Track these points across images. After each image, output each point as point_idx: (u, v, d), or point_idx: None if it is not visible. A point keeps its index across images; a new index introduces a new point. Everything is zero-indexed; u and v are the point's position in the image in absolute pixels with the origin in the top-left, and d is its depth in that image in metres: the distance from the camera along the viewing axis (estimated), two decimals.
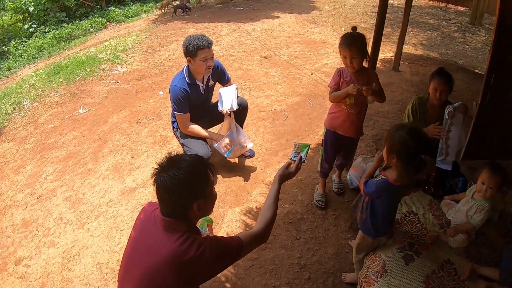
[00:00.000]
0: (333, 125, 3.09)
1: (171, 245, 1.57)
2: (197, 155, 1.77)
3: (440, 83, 2.85)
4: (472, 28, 9.58)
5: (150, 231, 1.67)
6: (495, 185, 2.28)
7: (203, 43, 3.29)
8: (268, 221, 1.88)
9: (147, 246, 1.63)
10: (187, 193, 1.59)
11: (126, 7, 13.02)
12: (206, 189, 1.66)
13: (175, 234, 1.59)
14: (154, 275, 1.56)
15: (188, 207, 1.61)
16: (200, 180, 1.64)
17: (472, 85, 5.59)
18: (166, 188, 1.58)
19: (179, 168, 1.58)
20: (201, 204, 1.63)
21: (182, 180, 1.57)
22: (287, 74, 6.26)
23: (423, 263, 2.27)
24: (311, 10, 10.89)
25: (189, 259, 1.55)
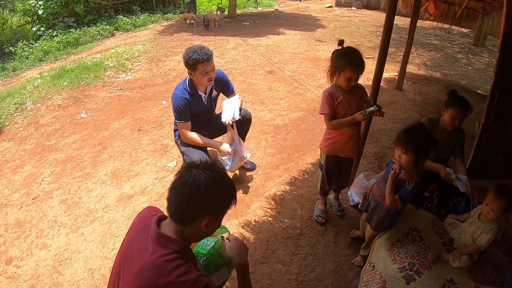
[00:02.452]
0: (333, 150, 2.97)
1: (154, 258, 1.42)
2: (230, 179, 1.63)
3: (461, 112, 2.77)
4: (476, 50, 9.69)
5: (141, 237, 1.53)
6: (498, 208, 2.20)
7: (202, 57, 3.22)
8: None
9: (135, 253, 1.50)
10: (210, 200, 1.48)
11: (134, 17, 13.19)
12: (222, 210, 1.56)
13: (163, 250, 1.44)
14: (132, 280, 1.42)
15: (199, 217, 1.48)
16: (225, 197, 1.55)
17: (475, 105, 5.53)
18: (193, 186, 1.45)
19: (217, 172, 1.51)
20: (211, 221, 1.51)
21: (217, 183, 1.49)
22: (291, 90, 6.27)
23: (424, 282, 2.21)
24: (317, 28, 11.01)
25: (167, 282, 1.38)
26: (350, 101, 2.73)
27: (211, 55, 3.30)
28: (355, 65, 2.58)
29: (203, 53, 3.23)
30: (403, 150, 2.23)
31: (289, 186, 3.81)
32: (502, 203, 2.17)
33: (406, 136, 2.23)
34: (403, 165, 2.25)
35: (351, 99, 2.73)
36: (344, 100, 2.73)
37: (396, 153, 2.30)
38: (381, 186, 2.49)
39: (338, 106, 2.75)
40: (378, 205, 2.49)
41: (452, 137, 2.92)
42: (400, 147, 2.25)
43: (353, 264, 2.91)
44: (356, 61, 2.59)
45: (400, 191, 2.28)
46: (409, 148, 2.20)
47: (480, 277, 2.25)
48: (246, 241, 3.10)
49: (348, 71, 2.59)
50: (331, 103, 2.75)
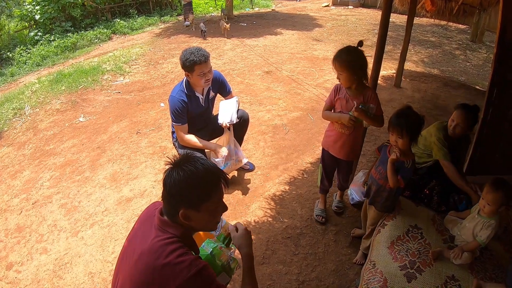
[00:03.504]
0: (326, 144, 3.04)
1: (152, 240, 1.50)
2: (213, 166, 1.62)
3: (459, 116, 2.75)
4: (473, 46, 9.71)
5: (145, 228, 1.61)
6: (494, 201, 2.17)
7: (199, 58, 3.22)
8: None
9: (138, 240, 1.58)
10: (177, 196, 1.51)
11: (131, 20, 13.19)
12: (201, 202, 1.54)
13: (163, 234, 1.52)
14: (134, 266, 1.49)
15: (175, 209, 1.52)
16: (196, 189, 1.52)
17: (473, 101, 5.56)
18: (166, 184, 1.52)
19: (183, 169, 1.51)
20: (190, 214, 1.52)
21: (178, 181, 1.49)
22: (289, 89, 6.27)
23: (426, 280, 2.20)
24: (314, 28, 11.02)
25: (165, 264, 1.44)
26: (349, 101, 2.72)
27: (208, 57, 3.30)
28: (334, 58, 2.68)
29: (200, 54, 3.22)
30: (398, 135, 2.33)
31: (289, 186, 3.80)
32: (497, 195, 2.16)
33: (399, 120, 2.32)
34: (402, 149, 2.36)
35: (352, 100, 2.72)
36: (344, 98, 2.75)
37: (391, 138, 2.40)
38: (380, 170, 2.56)
39: (337, 101, 2.80)
40: (380, 188, 2.57)
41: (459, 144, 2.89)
42: (395, 132, 2.35)
43: (354, 263, 2.91)
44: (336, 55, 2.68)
45: (400, 171, 2.39)
46: (404, 132, 2.30)
47: (482, 274, 2.23)
48: None
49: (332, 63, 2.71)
50: (332, 96, 2.84)
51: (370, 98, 2.73)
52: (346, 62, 2.62)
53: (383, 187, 2.56)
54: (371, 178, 2.68)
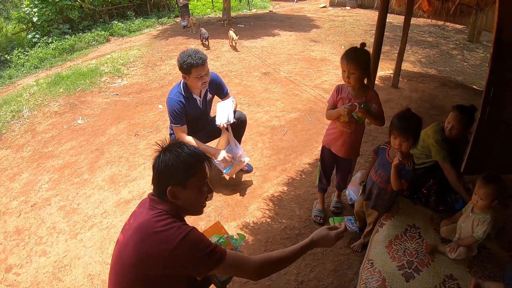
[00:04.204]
0: (327, 142, 3.06)
1: (144, 217, 1.60)
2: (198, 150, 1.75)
3: (454, 118, 2.76)
4: (470, 46, 9.73)
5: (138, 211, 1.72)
6: (486, 196, 2.17)
7: (197, 61, 3.22)
8: (271, 261, 1.74)
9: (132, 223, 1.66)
10: (165, 174, 1.64)
11: (129, 22, 13.17)
12: (186, 178, 1.65)
13: (154, 210, 1.63)
14: (124, 248, 1.59)
15: (163, 187, 1.64)
16: (182, 166, 1.64)
17: (471, 101, 5.59)
18: (154, 166, 1.68)
19: (171, 151, 1.65)
20: (177, 191, 1.64)
21: (167, 161, 1.63)
22: (287, 91, 6.28)
23: (424, 279, 2.20)
24: (311, 29, 11.03)
25: (155, 232, 1.54)
26: (352, 101, 2.72)
27: (206, 59, 3.31)
28: (344, 57, 2.66)
29: (197, 57, 3.23)
30: (403, 139, 2.35)
31: (287, 187, 3.81)
32: (488, 190, 2.16)
33: (404, 125, 2.34)
34: (404, 152, 2.40)
35: (354, 100, 2.73)
36: (346, 98, 2.78)
37: (394, 142, 2.41)
38: (380, 173, 2.59)
39: (340, 101, 2.82)
40: (381, 191, 2.62)
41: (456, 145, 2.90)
42: (400, 136, 2.36)
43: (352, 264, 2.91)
44: (347, 55, 2.65)
45: (402, 174, 2.42)
46: (410, 136, 2.34)
47: (480, 272, 2.24)
48: (245, 243, 3.11)
49: (341, 63, 2.69)
50: (334, 96, 2.86)
51: (372, 98, 2.78)
52: (360, 62, 2.65)
53: (384, 190, 2.61)
54: (371, 182, 2.70)
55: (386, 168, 2.54)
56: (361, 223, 3.05)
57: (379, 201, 2.67)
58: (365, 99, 2.74)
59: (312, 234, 1.87)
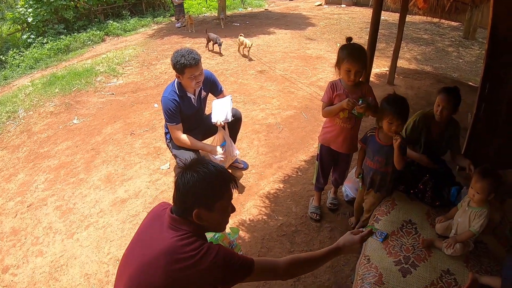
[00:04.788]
0: (326, 140, 3.03)
1: (169, 240, 1.54)
2: (224, 168, 1.70)
3: (443, 99, 2.75)
4: (466, 42, 9.75)
5: (154, 227, 1.66)
6: (482, 190, 2.18)
7: (190, 62, 3.20)
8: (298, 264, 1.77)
9: (148, 239, 1.62)
10: (191, 196, 1.57)
11: (124, 21, 13.14)
12: (214, 202, 1.60)
13: (178, 232, 1.57)
14: (147, 268, 1.52)
15: (189, 210, 1.57)
16: (210, 189, 1.59)
17: (466, 97, 5.58)
18: (178, 186, 1.59)
19: (196, 171, 1.58)
20: (202, 214, 1.58)
21: (192, 182, 1.56)
22: (282, 88, 6.29)
23: (421, 275, 2.21)
24: (307, 27, 11.04)
25: (185, 257, 1.49)
26: (349, 96, 2.71)
27: (199, 60, 3.29)
28: (352, 57, 2.63)
29: (190, 57, 3.21)
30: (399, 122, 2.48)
31: (283, 184, 3.82)
32: (485, 184, 2.17)
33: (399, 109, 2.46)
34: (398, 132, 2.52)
35: (351, 95, 2.73)
36: (343, 94, 2.76)
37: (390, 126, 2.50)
38: (377, 159, 2.69)
39: (336, 98, 2.80)
40: (383, 175, 2.72)
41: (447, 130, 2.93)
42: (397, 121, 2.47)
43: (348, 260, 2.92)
44: (354, 54, 2.64)
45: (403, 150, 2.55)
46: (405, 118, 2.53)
47: (477, 267, 2.24)
48: (241, 240, 3.11)
49: (346, 62, 2.65)
50: (330, 93, 2.83)
51: (367, 91, 2.81)
52: (365, 59, 2.70)
53: (385, 173, 2.71)
54: (371, 170, 2.76)
55: (381, 152, 2.65)
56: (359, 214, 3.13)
57: (382, 183, 2.76)
58: (361, 93, 2.76)
59: (338, 240, 1.87)
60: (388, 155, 2.63)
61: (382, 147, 2.64)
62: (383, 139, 2.64)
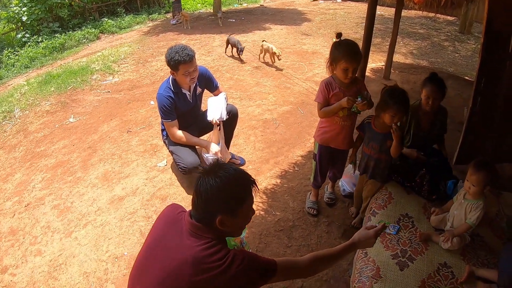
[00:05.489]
0: (325, 140, 2.99)
1: (194, 249, 1.50)
2: (243, 170, 1.67)
3: (433, 91, 2.79)
4: (462, 37, 9.76)
5: (172, 233, 1.61)
6: (477, 182, 2.20)
7: (184, 58, 3.21)
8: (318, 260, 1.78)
9: (168, 248, 1.57)
10: (215, 203, 1.52)
11: (119, 19, 13.09)
12: (237, 207, 1.56)
13: (201, 239, 1.53)
14: (172, 279, 1.49)
15: (212, 217, 1.53)
16: (233, 195, 1.55)
17: (462, 92, 5.66)
18: (199, 192, 1.53)
19: (218, 176, 1.52)
20: (226, 220, 1.53)
21: (215, 188, 1.51)
22: (278, 84, 6.29)
23: (418, 268, 2.23)
24: (302, 22, 11.02)
25: (211, 267, 1.46)
26: (346, 94, 2.70)
27: (193, 56, 3.29)
28: (350, 56, 2.59)
29: (184, 54, 3.21)
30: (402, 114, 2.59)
31: (280, 179, 3.83)
32: (480, 176, 2.19)
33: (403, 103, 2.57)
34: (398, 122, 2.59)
35: (347, 92, 2.72)
36: (340, 92, 2.74)
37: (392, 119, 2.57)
38: (372, 145, 2.78)
39: (333, 97, 2.76)
40: (377, 161, 2.80)
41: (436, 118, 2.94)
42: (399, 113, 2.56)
43: None
44: (351, 52, 2.60)
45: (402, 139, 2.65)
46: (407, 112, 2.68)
47: (474, 260, 2.26)
48: None
49: (343, 61, 2.60)
50: (325, 93, 2.78)
51: (362, 86, 2.84)
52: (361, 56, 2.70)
53: (379, 160, 2.79)
54: (366, 156, 2.85)
55: (376, 139, 2.74)
56: (359, 206, 3.15)
57: (376, 170, 2.83)
58: (357, 89, 2.76)
59: (353, 236, 1.88)
60: (382, 142, 2.70)
61: (377, 134, 2.71)
62: (378, 127, 2.72)
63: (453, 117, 3.25)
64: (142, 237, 3.22)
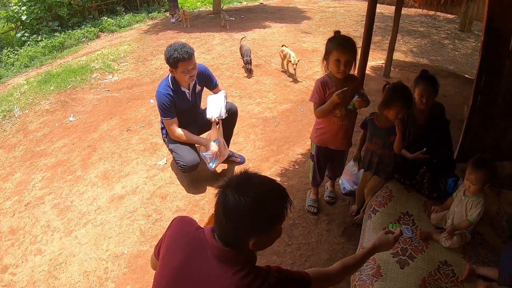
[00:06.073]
0: (323, 141, 2.97)
1: (232, 279, 1.34)
2: (275, 182, 1.49)
3: (425, 89, 2.75)
4: (462, 35, 9.74)
5: (197, 258, 1.43)
6: (477, 181, 2.20)
7: (183, 56, 3.21)
8: (347, 268, 1.73)
9: (197, 278, 1.40)
10: (247, 226, 1.35)
11: (119, 17, 13.05)
12: (272, 227, 1.40)
13: (234, 266, 1.36)
14: None
15: (243, 240, 1.37)
16: (268, 215, 1.37)
17: (463, 90, 5.66)
18: (226, 211, 1.34)
19: (248, 194, 1.32)
20: (260, 241, 1.38)
21: (247, 209, 1.31)
22: (278, 82, 6.28)
23: (418, 266, 2.22)
24: (302, 20, 11.00)
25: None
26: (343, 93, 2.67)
27: (192, 54, 3.29)
28: (342, 46, 2.56)
29: (183, 51, 3.22)
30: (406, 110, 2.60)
31: (280, 178, 3.83)
32: (480, 174, 2.19)
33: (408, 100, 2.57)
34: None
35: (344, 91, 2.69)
36: (336, 90, 2.67)
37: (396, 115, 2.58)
38: (376, 141, 2.77)
39: (329, 96, 2.72)
40: (381, 157, 2.80)
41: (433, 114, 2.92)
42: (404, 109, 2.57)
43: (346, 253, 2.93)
44: (343, 43, 2.57)
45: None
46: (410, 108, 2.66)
47: (474, 258, 2.26)
48: None
49: (335, 52, 2.56)
50: (321, 92, 2.75)
51: (359, 84, 2.85)
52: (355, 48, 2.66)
53: (383, 155, 2.78)
54: (370, 152, 2.83)
55: (379, 135, 2.74)
56: (361, 204, 3.15)
57: (380, 166, 2.82)
58: (353, 87, 2.71)
59: (373, 240, 1.85)
60: (385, 137, 2.70)
61: (380, 130, 2.71)
62: (381, 122, 2.72)
63: (454, 115, 3.24)
64: (142, 236, 3.23)
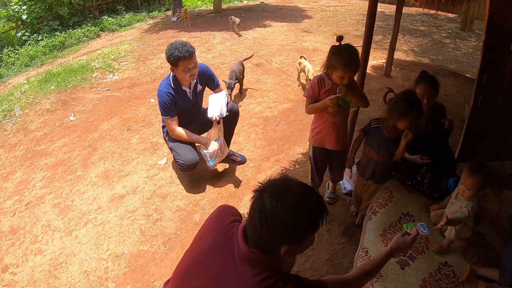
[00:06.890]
0: (319, 140, 2.96)
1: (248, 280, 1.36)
2: (313, 190, 1.48)
3: (426, 88, 2.76)
4: (463, 34, 9.72)
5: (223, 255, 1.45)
6: (472, 186, 2.17)
7: (184, 54, 3.21)
8: (365, 273, 1.72)
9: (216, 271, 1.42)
10: (282, 233, 1.34)
11: (119, 16, 13.04)
12: (306, 236, 1.40)
13: (255, 269, 1.37)
14: None
15: (275, 246, 1.37)
16: (303, 224, 1.36)
17: (464, 89, 5.65)
18: (261, 216, 1.33)
19: (285, 201, 1.32)
20: (292, 249, 1.38)
21: (283, 217, 1.31)
22: (279, 81, 6.28)
23: (419, 267, 2.22)
24: (303, 19, 10.99)
25: None
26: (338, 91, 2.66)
27: (193, 52, 3.29)
28: (347, 66, 2.53)
29: (184, 50, 3.22)
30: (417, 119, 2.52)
31: None
32: (475, 180, 2.15)
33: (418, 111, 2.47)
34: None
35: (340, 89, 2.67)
36: (332, 89, 2.69)
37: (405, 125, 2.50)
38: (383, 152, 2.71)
39: (324, 94, 2.72)
40: (385, 166, 2.77)
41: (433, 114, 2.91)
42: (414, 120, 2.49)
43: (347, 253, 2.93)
44: (350, 62, 2.54)
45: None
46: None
47: (475, 259, 2.25)
48: None
49: (340, 70, 2.55)
50: (316, 89, 2.74)
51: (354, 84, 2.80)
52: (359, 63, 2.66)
53: (386, 164, 2.75)
54: (374, 162, 2.77)
55: (387, 145, 2.65)
56: (359, 204, 3.15)
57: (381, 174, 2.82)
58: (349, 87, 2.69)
59: (390, 243, 1.82)
60: (392, 147, 2.64)
61: (388, 139, 2.63)
62: (389, 132, 2.63)
63: (455, 114, 3.23)
64: (142, 236, 3.23)
